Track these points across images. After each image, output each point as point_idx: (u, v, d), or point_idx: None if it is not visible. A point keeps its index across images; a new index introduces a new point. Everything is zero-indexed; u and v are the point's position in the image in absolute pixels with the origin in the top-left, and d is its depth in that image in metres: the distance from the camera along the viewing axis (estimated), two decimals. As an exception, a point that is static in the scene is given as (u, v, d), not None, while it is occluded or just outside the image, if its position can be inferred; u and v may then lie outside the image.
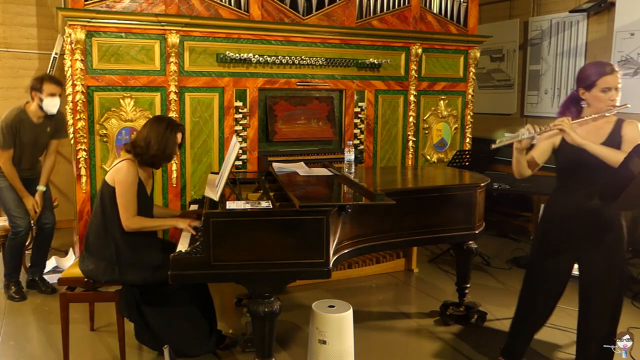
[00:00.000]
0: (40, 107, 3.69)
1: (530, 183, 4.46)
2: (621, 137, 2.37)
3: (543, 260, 2.64)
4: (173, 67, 3.96)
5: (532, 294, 2.70)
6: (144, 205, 2.89)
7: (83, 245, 2.93)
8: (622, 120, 2.42)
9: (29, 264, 4.04)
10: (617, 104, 2.39)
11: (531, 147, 2.58)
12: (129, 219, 2.76)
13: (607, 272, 2.47)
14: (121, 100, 3.87)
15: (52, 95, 3.66)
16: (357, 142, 4.67)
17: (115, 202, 2.77)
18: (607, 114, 2.40)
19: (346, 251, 2.77)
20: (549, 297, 2.66)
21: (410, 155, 4.94)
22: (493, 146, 2.55)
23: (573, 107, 2.51)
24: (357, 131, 4.67)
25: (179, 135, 2.92)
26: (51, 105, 3.68)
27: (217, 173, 3.22)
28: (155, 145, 2.81)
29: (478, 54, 5.13)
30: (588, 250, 2.49)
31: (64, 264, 4.33)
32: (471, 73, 5.13)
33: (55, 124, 3.87)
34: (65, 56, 4.35)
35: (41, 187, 3.89)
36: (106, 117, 3.85)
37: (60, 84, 3.74)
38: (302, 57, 4.34)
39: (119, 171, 2.78)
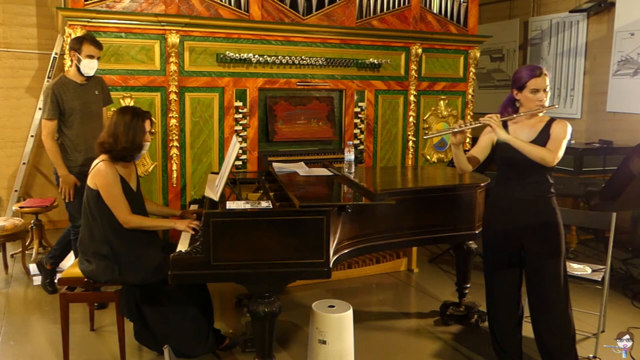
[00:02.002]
0: (78, 69, 3.52)
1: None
2: (549, 134, 2.57)
3: (492, 253, 2.80)
4: (173, 67, 3.96)
5: (491, 284, 2.83)
6: (133, 202, 2.85)
7: (79, 248, 2.91)
8: (553, 120, 2.61)
9: (49, 253, 3.99)
10: (546, 104, 2.59)
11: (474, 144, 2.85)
12: (126, 217, 2.75)
13: (547, 256, 2.61)
14: (121, 100, 3.86)
15: (91, 57, 3.49)
16: (357, 142, 4.67)
17: (99, 204, 2.75)
18: (539, 114, 2.63)
19: (346, 251, 2.77)
20: (506, 285, 2.76)
21: (410, 155, 4.94)
22: (424, 137, 3.11)
23: (510, 107, 2.72)
24: (357, 131, 4.67)
25: (147, 123, 2.87)
26: (88, 67, 3.50)
27: (217, 173, 3.22)
28: (123, 138, 2.77)
29: (478, 54, 5.13)
30: (528, 238, 2.64)
31: (64, 264, 4.32)
32: (471, 73, 5.13)
33: (102, 88, 3.70)
34: (65, 56, 4.34)
35: None
36: (106, 117, 3.85)
37: (100, 47, 3.54)
38: (302, 57, 4.34)
39: (97, 174, 2.75)
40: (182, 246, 2.65)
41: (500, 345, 2.82)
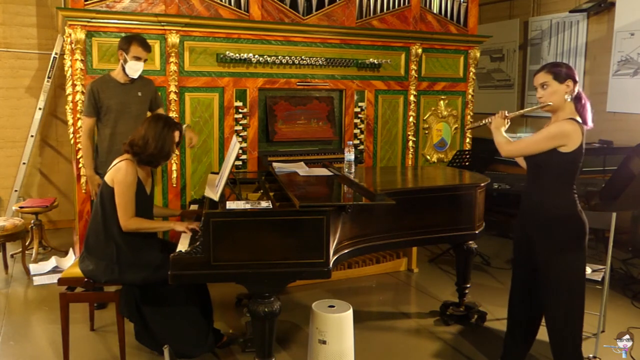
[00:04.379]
0: (123, 69, 3.45)
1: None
2: None
3: (516, 255, 2.80)
4: (173, 67, 3.96)
5: (513, 287, 2.82)
6: (144, 205, 2.88)
7: (83, 246, 2.93)
8: (564, 120, 2.50)
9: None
10: (549, 101, 2.50)
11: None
12: (127, 220, 2.76)
13: (557, 263, 2.55)
14: (121, 100, 3.85)
15: (137, 59, 3.41)
16: (357, 142, 4.67)
17: (114, 202, 2.77)
18: (546, 110, 2.57)
19: (346, 251, 2.77)
20: (522, 285, 2.75)
21: (410, 155, 4.93)
22: (467, 127, 2.95)
23: None
24: (357, 131, 4.67)
25: (177, 134, 2.91)
26: (134, 69, 3.43)
27: (217, 173, 3.22)
28: (152, 144, 2.80)
29: (478, 54, 5.13)
30: (540, 243, 2.60)
31: (64, 264, 4.33)
32: (471, 73, 5.13)
33: (149, 90, 3.62)
34: (65, 56, 4.35)
35: (185, 126, 3.58)
36: (106, 117, 3.84)
37: (148, 50, 3.46)
38: (302, 57, 4.34)
39: (118, 171, 2.78)
40: (182, 246, 2.65)
41: (509, 342, 2.83)
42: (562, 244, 2.55)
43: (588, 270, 3.31)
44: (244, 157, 4.29)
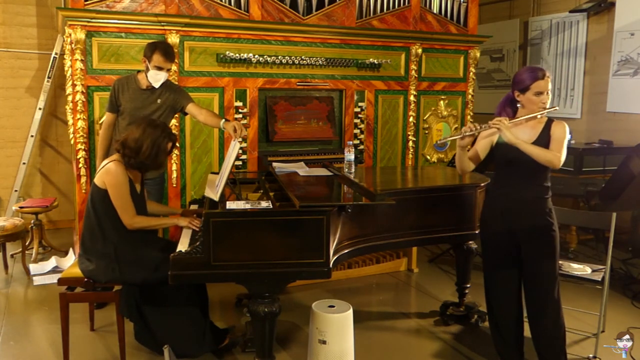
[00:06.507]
0: (146, 75, 3.38)
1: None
2: (550, 136, 2.58)
3: (497, 256, 2.79)
4: (173, 67, 3.96)
5: (489, 284, 2.84)
6: (136, 204, 2.85)
7: (80, 247, 2.91)
8: (551, 121, 2.63)
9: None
10: (547, 106, 2.60)
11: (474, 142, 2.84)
12: (131, 219, 2.75)
13: (544, 258, 2.63)
14: (121, 100, 3.85)
15: (159, 68, 3.31)
16: (357, 142, 4.67)
17: (106, 203, 2.75)
18: (538, 115, 2.61)
19: (346, 251, 2.77)
20: (504, 285, 2.77)
21: (410, 155, 4.93)
22: (438, 142, 3.02)
23: (509, 107, 2.74)
24: (357, 131, 4.67)
25: (169, 145, 2.86)
26: (155, 78, 3.33)
27: (217, 173, 3.22)
28: (147, 151, 2.75)
29: (478, 54, 5.13)
30: (525, 240, 2.66)
31: (64, 264, 4.33)
32: (471, 73, 5.13)
33: (172, 98, 3.48)
34: (65, 56, 4.35)
35: (222, 121, 3.33)
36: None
37: (170, 60, 3.35)
38: (302, 57, 4.34)
39: (107, 174, 2.75)
40: (182, 246, 2.65)
41: (501, 344, 2.83)
42: (555, 243, 2.63)
43: (588, 270, 3.31)
44: (244, 157, 4.29)
